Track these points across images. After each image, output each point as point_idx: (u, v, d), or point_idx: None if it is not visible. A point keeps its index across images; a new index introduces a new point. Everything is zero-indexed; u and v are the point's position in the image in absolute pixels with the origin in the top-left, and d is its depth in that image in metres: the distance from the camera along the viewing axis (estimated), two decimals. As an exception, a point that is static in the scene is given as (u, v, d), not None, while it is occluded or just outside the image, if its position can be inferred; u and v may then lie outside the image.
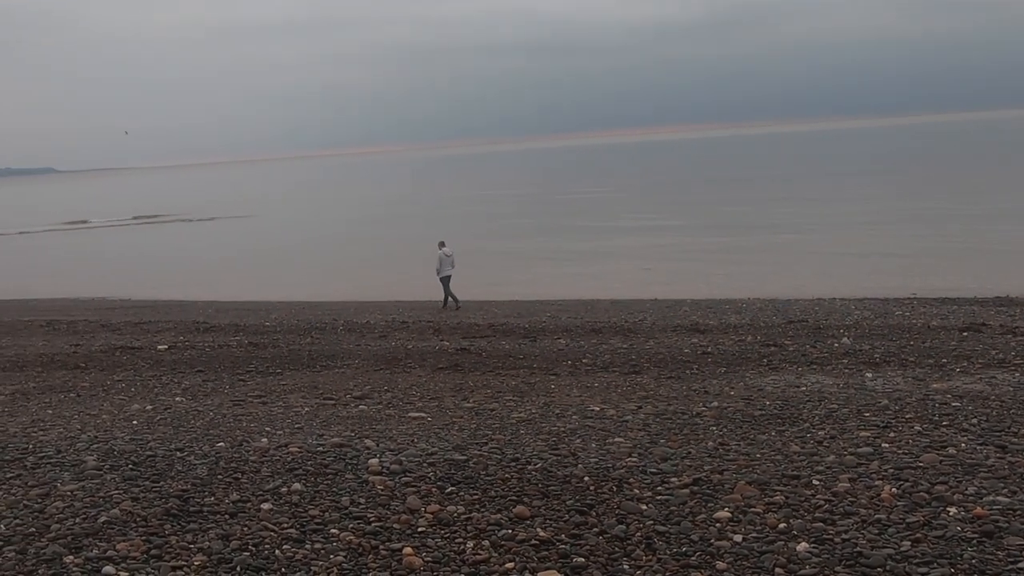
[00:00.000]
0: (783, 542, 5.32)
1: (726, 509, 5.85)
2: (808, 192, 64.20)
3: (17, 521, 5.89)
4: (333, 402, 10.12)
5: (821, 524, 5.56)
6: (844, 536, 5.36)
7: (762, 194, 65.02)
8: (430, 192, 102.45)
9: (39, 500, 6.30)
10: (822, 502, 5.92)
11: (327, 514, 5.95)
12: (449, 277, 24.81)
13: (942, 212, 45.04)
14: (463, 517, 5.86)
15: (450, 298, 24.61)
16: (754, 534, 5.46)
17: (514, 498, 6.18)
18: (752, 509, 5.84)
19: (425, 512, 5.95)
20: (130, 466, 7.08)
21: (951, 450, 7.04)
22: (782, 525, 5.57)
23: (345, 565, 5.21)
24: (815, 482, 6.32)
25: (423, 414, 9.19)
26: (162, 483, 6.63)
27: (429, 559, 5.26)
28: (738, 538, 5.41)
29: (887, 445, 7.23)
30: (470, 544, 5.45)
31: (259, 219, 73.62)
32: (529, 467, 6.85)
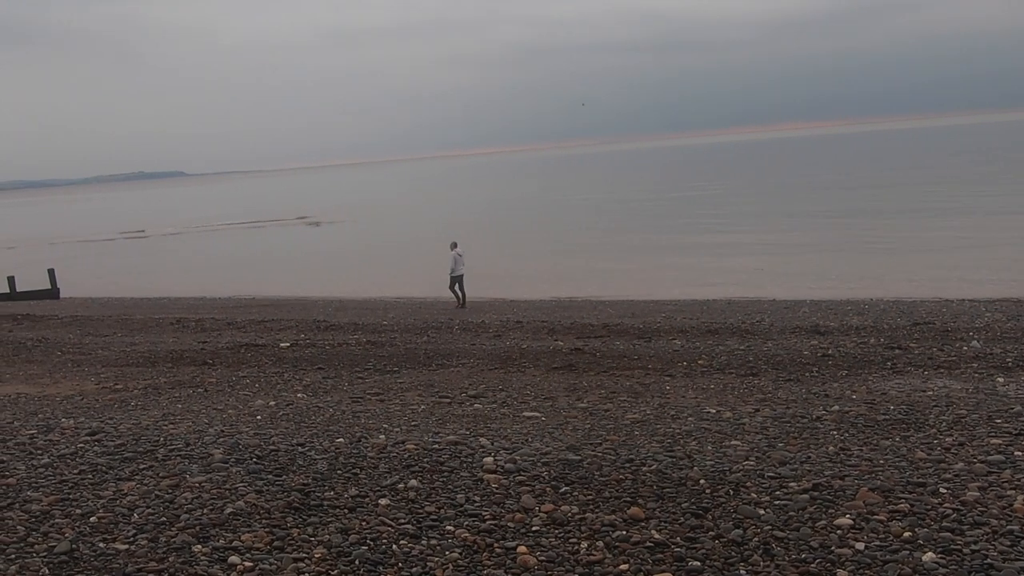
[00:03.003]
0: (908, 551, 5.15)
1: (847, 516, 5.69)
2: (934, 191, 61.97)
3: (149, 510, 6.13)
4: (448, 400, 10.24)
5: (949, 534, 5.35)
6: (973, 547, 5.15)
7: (885, 195, 63.04)
8: (546, 192, 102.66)
9: (169, 491, 6.55)
10: (950, 511, 5.70)
11: (443, 511, 6.02)
12: (462, 276, 26.47)
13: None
14: (577, 517, 5.85)
15: (460, 295, 26.36)
16: (877, 542, 5.30)
17: (628, 499, 6.14)
18: (875, 517, 5.67)
19: (539, 511, 5.97)
20: (254, 460, 7.29)
21: (1090, 460, 6.69)
22: (907, 534, 5.38)
23: (460, 562, 5.26)
24: (942, 490, 6.09)
25: (537, 414, 9.22)
26: (284, 477, 6.82)
27: (543, 558, 5.27)
28: (860, 546, 5.25)
29: (1020, 453, 6.91)
30: (584, 544, 5.44)
31: (377, 219, 75.02)
32: (644, 468, 6.79)
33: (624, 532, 5.58)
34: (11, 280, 39.12)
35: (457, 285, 26.59)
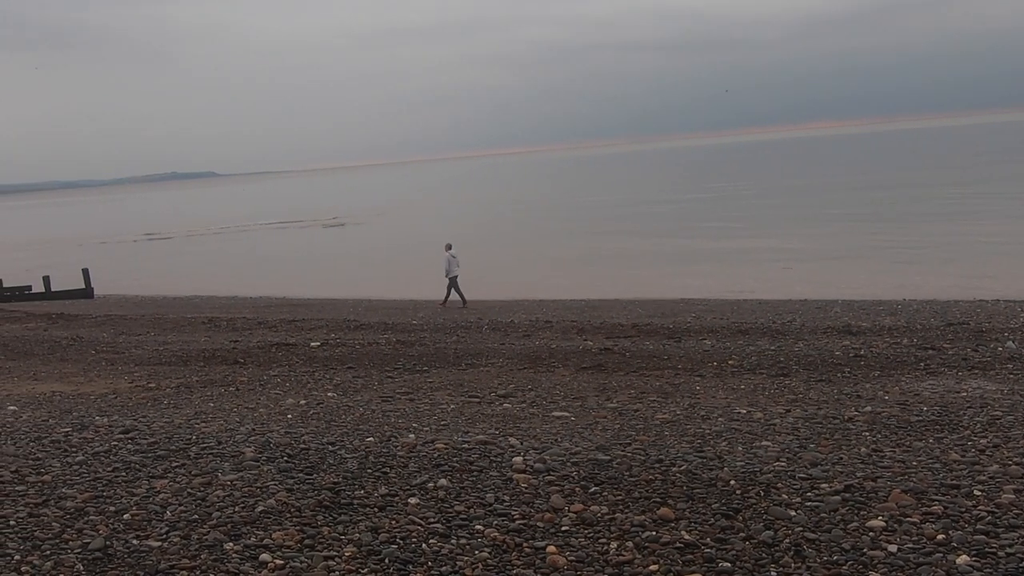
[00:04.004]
0: (941, 554, 5.09)
1: (880, 518, 5.64)
2: (964, 191, 61.29)
3: (182, 508, 6.19)
4: (478, 400, 10.25)
5: (983, 537, 5.29)
6: (1009, 550, 5.09)
7: (917, 194, 62.43)
8: (574, 191, 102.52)
9: (201, 489, 6.60)
10: (984, 514, 5.63)
11: (472, 510, 6.02)
12: (456, 277, 27.57)
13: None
14: (606, 517, 5.84)
15: (459, 296, 27.35)
16: (910, 545, 5.24)
17: (658, 500, 6.11)
18: (908, 519, 5.61)
19: (568, 511, 5.96)
20: (285, 458, 7.33)
21: None
22: (940, 536, 5.32)
23: (490, 561, 5.27)
24: (976, 492, 6.02)
25: (566, 413, 9.21)
26: (315, 475, 6.85)
27: (573, 558, 5.27)
28: (893, 548, 5.20)
29: (1057, 455, 6.82)
30: (614, 545, 5.43)
31: (407, 219, 75.24)
32: (673, 469, 6.76)
33: (654, 532, 5.56)
34: (46, 280, 39.63)
35: (451, 285, 27.73)
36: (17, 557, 5.38)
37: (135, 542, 5.60)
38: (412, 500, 6.25)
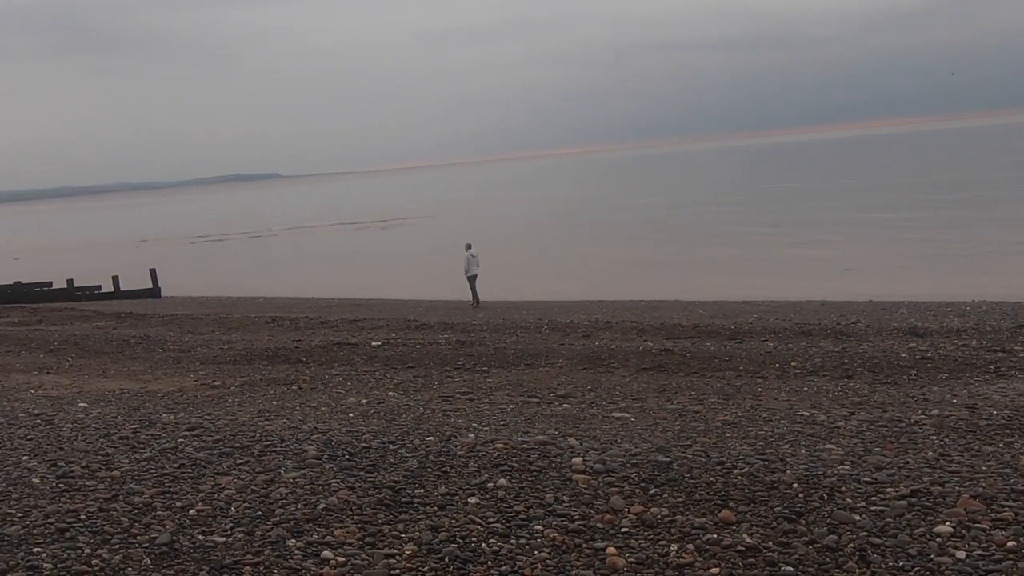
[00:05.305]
0: (1012, 562, 4.97)
1: (947, 523, 5.52)
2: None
3: (246, 504, 6.28)
4: (537, 400, 10.25)
5: (1056, 544, 5.16)
6: (1082, 559, 4.95)
7: (983, 193, 61.01)
8: (631, 191, 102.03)
9: (265, 486, 6.69)
10: (1057, 521, 5.49)
11: (532, 510, 6.02)
12: (476, 276, 28.37)
13: None
14: (667, 519, 5.80)
15: (472, 294, 28.03)
16: (979, 551, 5.13)
17: (719, 502, 6.05)
18: (977, 525, 5.48)
19: (628, 512, 5.93)
20: (346, 456, 7.40)
21: None
22: (1011, 543, 5.19)
23: (549, 562, 5.26)
24: (1049, 499, 5.87)
25: (626, 414, 9.17)
26: (376, 474, 6.90)
27: (633, 560, 5.24)
28: (961, 555, 5.09)
29: None
30: (674, 547, 5.39)
31: (465, 219, 75.50)
32: (735, 471, 6.69)
33: (715, 535, 5.51)
34: (115, 279, 40.56)
35: (471, 285, 28.40)
36: (88, 550, 5.51)
37: (200, 537, 5.70)
38: (472, 499, 6.27)
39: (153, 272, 40.00)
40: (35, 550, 5.52)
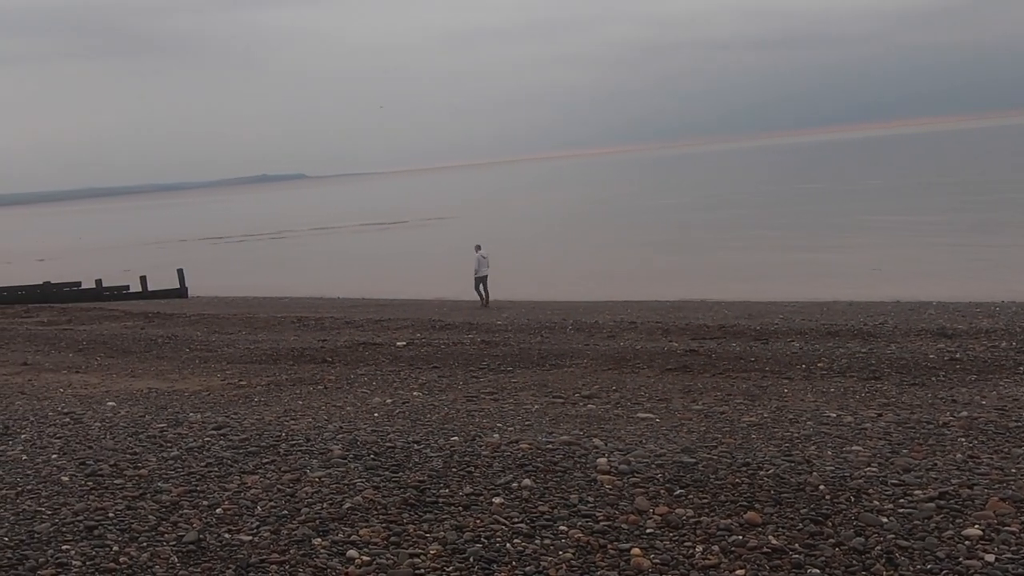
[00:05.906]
0: (1042, 565, 4.92)
1: (976, 526, 5.47)
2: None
3: (271, 503, 6.32)
4: (562, 400, 10.24)
5: (1087, 548, 5.10)
6: (1115, 563, 4.89)
7: (1008, 194, 60.39)
8: (658, 190, 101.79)
9: (291, 485, 6.73)
10: (1089, 524, 5.42)
11: (556, 511, 6.02)
12: (486, 277, 28.22)
13: None
14: (692, 520, 5.78)
15: (481, 294, 28.00)
16: (1008, 555, 5.07)
17: (745, 503, 6.03)
18: (1006, 528, 5.43)
19: (653, 513, 5.91)
20: (372, 456, 7.43)
21: None
22: (1041, 547, 5.14)
23: (574, 562, 5.26)
24: (1080, 502, 5.80)
25: (651, 415, 9.14)
26: (401, 474, 6.93)
27: (657, 561, 5.23)
28: (990, 558, 5.04)
29: None
30: (699, 548, 5.37)
31: (490, 219, 75.57)
32: (761, 472, 6.66)
33: (740, 537, 5.49)
34: (143, 279, 40.90)
35: (481, 285, 28.30)
36: (115, 548, 5.56)
37: (227, 536, 5.74)
38: (496, 500, 6.27)
39: (180, 272, 40.30)
40: (64, 547, 5.59)
